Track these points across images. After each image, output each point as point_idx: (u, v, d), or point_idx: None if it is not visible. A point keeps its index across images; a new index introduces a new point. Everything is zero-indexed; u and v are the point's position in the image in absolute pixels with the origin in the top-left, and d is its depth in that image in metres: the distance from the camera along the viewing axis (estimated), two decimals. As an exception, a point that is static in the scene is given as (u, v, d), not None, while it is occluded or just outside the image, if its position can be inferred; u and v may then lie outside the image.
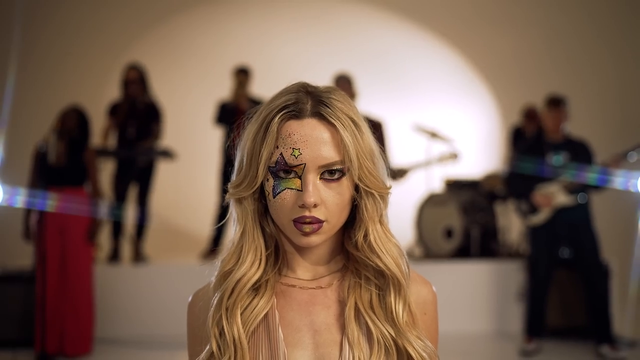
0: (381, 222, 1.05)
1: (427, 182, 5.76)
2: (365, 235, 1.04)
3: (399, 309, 1.03)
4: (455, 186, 5.78)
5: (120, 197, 5.32)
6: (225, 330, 1.02)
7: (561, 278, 4.84)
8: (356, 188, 1.04)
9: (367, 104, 4.75)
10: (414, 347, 1.02)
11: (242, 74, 5.68)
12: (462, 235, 5.43)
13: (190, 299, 1.12)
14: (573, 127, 4.87)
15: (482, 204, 5.68)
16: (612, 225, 5.63)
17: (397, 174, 4.85)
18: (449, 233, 5.51)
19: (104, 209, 4.70)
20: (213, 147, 5.91)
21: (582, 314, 4.71)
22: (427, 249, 5.65)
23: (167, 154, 5.38)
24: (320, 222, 1.00)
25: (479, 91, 7.69)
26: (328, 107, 1.01)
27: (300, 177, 1.00)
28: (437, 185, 5.99)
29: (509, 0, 7.53)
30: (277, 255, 1.08)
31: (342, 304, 1.06)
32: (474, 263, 5.31)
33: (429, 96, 7.50)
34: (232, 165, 1.08)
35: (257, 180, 1.02)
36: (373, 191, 1.03)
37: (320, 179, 1.01)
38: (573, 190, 4.36)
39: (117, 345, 4.61)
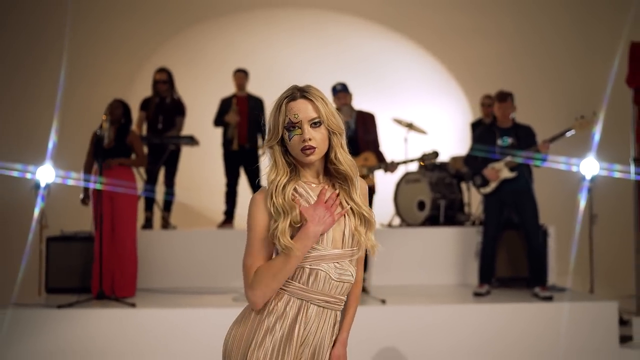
0: (342, 148, 1.82)
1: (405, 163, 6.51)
2: (335, 155, 1.82)
3: (354, 194, 1.84)
4: (427, 167, 6.51)
5: (152, 177, 6.12)
6: (276, 203, 1.76)
7: (510, 237, 5.63)
8: (329, 132, 1.80)
9: (357, 101, 5.59)
10: (365, 211, 1.83)
11: (241, 74, 6.42)
12: (432, 207, 6.19)
13: (256, 199, 1.81)
14: (528, 116, 5.49)
15: (449, 182, 6.45)
16: (554, 199, 6.44)
17: (389, 167, 5.17)
18: (421, 205, 6.31)
19: (140, 184, 5.51)
20: (220, 137, 6.59)
21: (525, 267, 5.48)
22: (404, 218, 6.43)
23: (192, 140, 6.14)
24: (313, 148, 1.76)
25: (453, 90, 8.42)
26: (308, 92, 1.78)
27: (300, 128, 1.76)
28: (412, 166, 6.74)
29: (476, 14, 8.24)
30: (296, 172, 1.84)
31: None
32: (441, 229, 5.98)
33: (411, 94, 8.21)
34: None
35: (279, 134, 1.79)
36: (335, 131, 1.80)
37: (310, 127, 1.76)
38: (514, 168, 5.15)
39: (153, 292, 5.42)
